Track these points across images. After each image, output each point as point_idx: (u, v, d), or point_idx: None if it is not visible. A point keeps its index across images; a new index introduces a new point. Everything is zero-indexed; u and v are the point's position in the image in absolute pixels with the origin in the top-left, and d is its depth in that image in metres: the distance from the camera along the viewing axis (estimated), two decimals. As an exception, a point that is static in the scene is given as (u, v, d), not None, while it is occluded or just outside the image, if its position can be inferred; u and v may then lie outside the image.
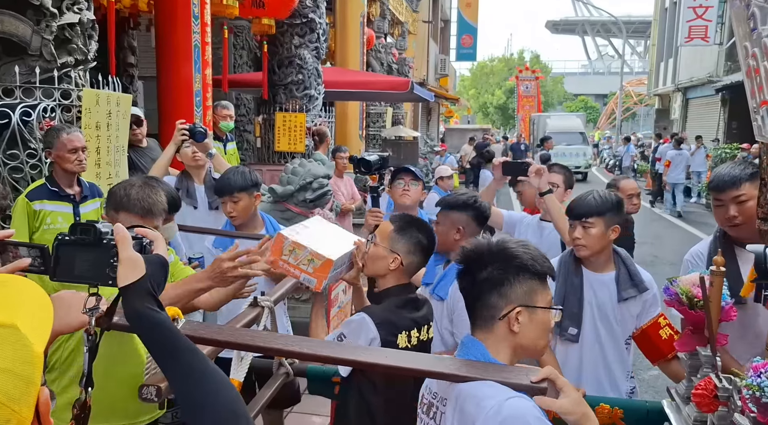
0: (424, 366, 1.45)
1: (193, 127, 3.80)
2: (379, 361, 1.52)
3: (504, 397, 1.29)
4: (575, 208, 2.47)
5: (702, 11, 20.20)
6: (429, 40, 22.68)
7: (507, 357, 1.43)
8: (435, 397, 1.48)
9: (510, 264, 1.42)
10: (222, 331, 1.62)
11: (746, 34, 1.72)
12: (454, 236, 2.57)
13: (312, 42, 7.42)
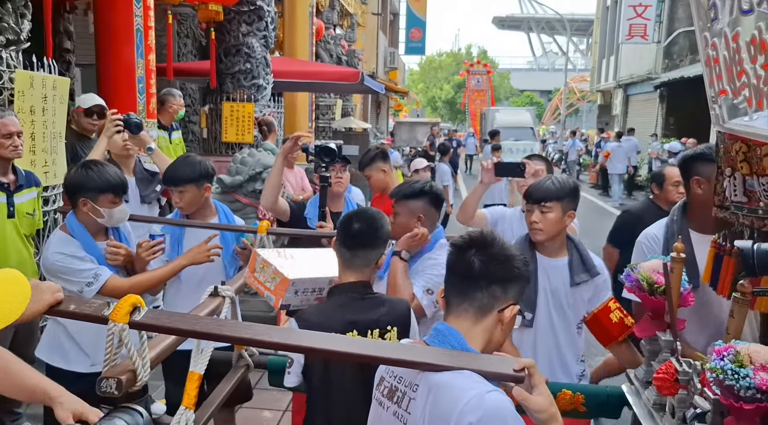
0: (400, 356, 1.39)
1: (128, 119, 3.56)
2: (353, 350, 1.45)
3: (484, 390, 1.27)
4: (534, 192, 2.47)
5: (641, 10, 20.87)
6: (378, 32, 22.61)
7: (481, 347, 1.41)
8: (401, 382, 1.44)
9: (514, 263, 1.45)
10: (185, 319, 1.50)
11: (706, 24, 1.73)
12: (415, 225, 2.54)
13: (260, 30, 7.24)
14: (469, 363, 1.32)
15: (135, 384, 1.43)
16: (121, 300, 1.44)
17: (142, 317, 1.45)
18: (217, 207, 3.04)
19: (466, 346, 1.39)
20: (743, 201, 1.80)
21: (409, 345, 1.49)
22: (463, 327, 1.41)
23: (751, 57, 1.51)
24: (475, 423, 1.23)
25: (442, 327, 1.43)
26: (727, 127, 1.84)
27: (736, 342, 1.46)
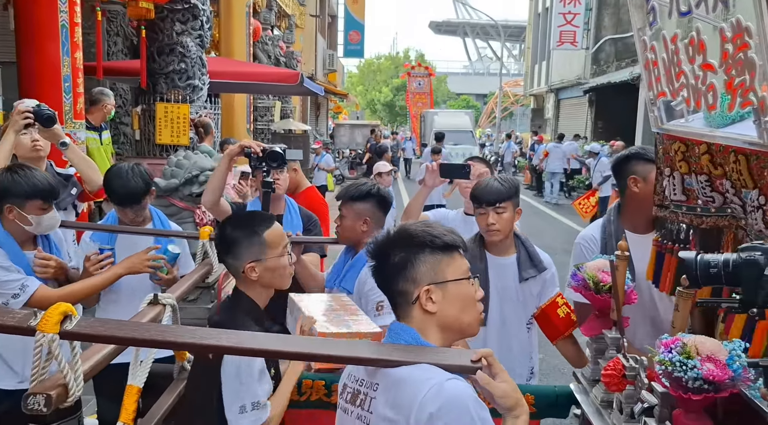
0: (357, 354, 1.36)
1: (39, 110, 3.17)
2: (313, 351, 1.39)
3: (443, 378, 1.25)
4: (485, 195, 2.50)
5: (571, 17, 21.67)
6: (317, 34, 22.46)
7: (438, 340, 1.38)
8: (362, 384, 1.40)
9: (410, 246, 1.38)
10: (122, 327, 1.40)
11: (645, 28, 1.77)
12: (362, 227, 2.51)
13: (195, 29, 7.02)
14: (426, 356, 1.30)
15: (66, 400, 1.32)
16: (51, 308, 1.33)
17: (74, 326, 1.34)
18: (152, 212, 2.90)
19: (421, 340, 1.36)
20: (682, 199, 1.86)
21: (365, 343, 1.46)
22: (413, 324, 1.39)
23: (690, 58, 1.56)
24: (435, 413, 1.22)
25: (396, 326, 1.41)
26: (666, 128, 1.89)
27: (682, 334, 1.50)
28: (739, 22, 1.29)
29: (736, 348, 1.37)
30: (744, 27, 1.27)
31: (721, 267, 1.23)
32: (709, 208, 1.76)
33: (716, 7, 1.36)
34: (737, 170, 1.50)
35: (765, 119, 1.28)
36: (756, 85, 1.28)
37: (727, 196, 1.63)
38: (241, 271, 1.84)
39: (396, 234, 1.42)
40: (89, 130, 5.15)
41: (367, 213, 2.53)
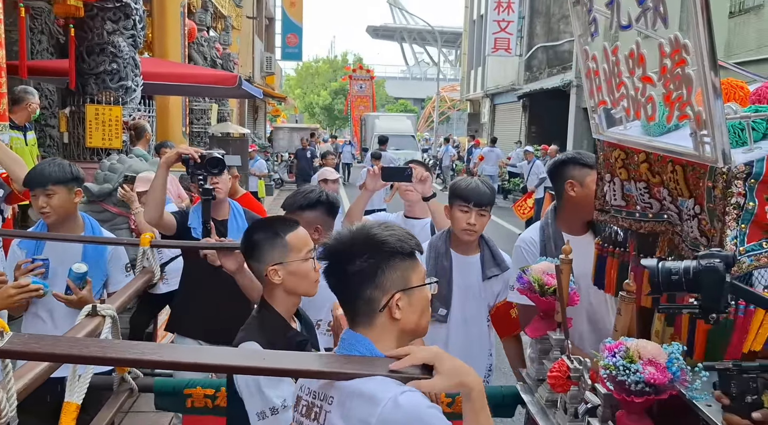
0: (307, 367, 1.33)
1: None
2: (256, 364, 1.35)
3: (397, 392, 1.24)
4: (474, 195, 2.57)
5: (505, 25, 22.25)
6: (254, 36, 22.11)
7: (393, 346, 1.36)
8: (316, 396, 1.37)
9: (379, 252, 1.35)
10: (59, 343, 1.32)
11: (587, 38, 1.83)
12: (313, 236, 2.47)
13: (127, 29, 6.77)
14: (378, 367, 1.28)
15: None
16: None
17: (5, 343, 1.26)
18: (85, 219, 2.77)
19: (375, 351, 1.34)
20: (622, 204, 1.93)
21: (315, 355, 1.43)
22: (364, 333, 1.37)
23: (630, 69, 1.62)
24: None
25: (348, 336, 1.38)
26: (606, 136, 1.96)
27: (625, 338, 1.56)
28: (678, 38, 1.35)
29: (674, 352, 1.43)
30: (682, 44, 1.33)
31: (681, 274, 1.26)
32: (647, 213, 1.83)
33: (656, 23, 1.42)
34: (674, 179, 1.57)
35: (701, 133, 1.34)
36: (692, 100, 1.35)
37: (664, 203, 1.70)
38: (264, 275, 1.84)
39: (363, 239, 1.37)
40: (13, 129, 4.89)
41: (318, 221, 2.50)
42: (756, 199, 1.35)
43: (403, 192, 3.27)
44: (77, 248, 2.65)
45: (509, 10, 22.17)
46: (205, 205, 2.82)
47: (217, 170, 2.84)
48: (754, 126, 1.38)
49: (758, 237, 1.37)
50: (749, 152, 1.35)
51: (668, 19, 1.38)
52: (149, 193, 2.85)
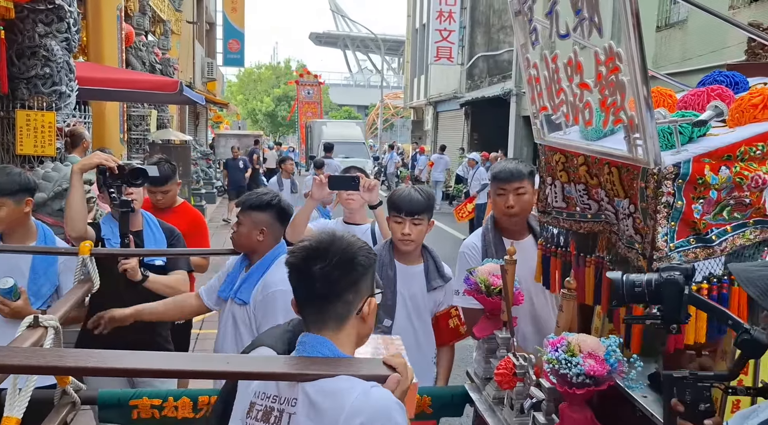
0: (271, 369, 1.33)
1: None
2: (219, 369, 1.35)
3: (367, 386, 1.29)
4: (405, 205, 2.58)
5: (447, 34, 22.66)
6: (194, 41, 21.67)
7: (352, 349, 1.42)
8: (276, 401, 1.37)
9: (357, 260, 1.40)
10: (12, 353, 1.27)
11: (528, 47, 1.91)
12: (258, 237, 2.46)
13: (61, 32, 6.52)
14: (344, 367, 1.32)
15: None
16: None
17: None
18: (38, 227, 2.67)
19: (338, 352, 1.37)
20: (563, 206, 2.02)
21: (278, 358, 1.43)
22: (329, 335, 1.39)
23: (568, 77, 1.70)
24: (365, 422, 1.25)
25: (308, 339, 1.40)
26: (547, 140, 2.05)
27: (566, 333, 1.63)
28: (612, 47, 1.43)
29: (612, 345, 1.51)
30: (615, 52, 1.41)
31: (644, 286, 1.30)
32: (586, 214, 1.92)
33: (591, 33, 1.50)
34: (610, 181, 1.66)
35: (634, 136, 1.43)
36: (626, 105, 1.43)
37: (602, 204, 1.79)
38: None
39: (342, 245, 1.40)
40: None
41: (265, 224, 2.49)
42: (684, 198, 1.44)
43: (345, 200, 3.29)
44: (26, 257, 2.55)
45: (450, 20, 22.59)
46: (123, 217, 2.73)
47: (139, 181, 2.78)
48: (681, 130, 1.48)
49: (686, 234, 1.46)
50: (677, 154, 1.44)
51: (603, 29, 1.46)
52: (69, 206, 2.69)
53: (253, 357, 1.47)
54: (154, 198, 3.88)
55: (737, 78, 1.84)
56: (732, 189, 1.44)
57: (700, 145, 1.47)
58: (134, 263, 2.65)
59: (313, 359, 1.35)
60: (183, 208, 4.03)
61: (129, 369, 1.28)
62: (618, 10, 1.33)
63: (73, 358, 1.28)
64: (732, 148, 1.43)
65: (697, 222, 1.45)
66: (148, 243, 2.92)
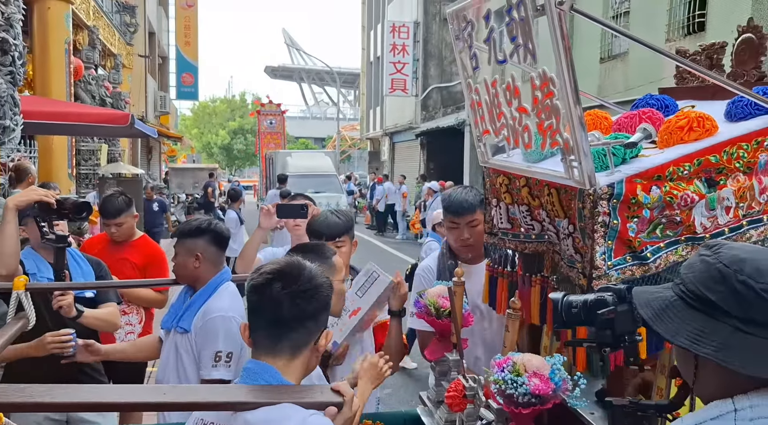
0: (213, 398, 1.32)
1: None
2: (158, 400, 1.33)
3: (307, 414, 1.27)
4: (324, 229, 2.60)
5: (401, 67, 23.11)
6: (147, 75, 21.46)
7: (300, 377, 1.40)
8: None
9: (322, 290, 1.42)
10: None
11: (470, 72, 1.96)
12: (194, 264, 2.41)
13: (5, 65, 6.36)
14: (289, 395, 1.30)
15: None
16: None
17: None
18: None
19: (283, 380, 1.35)
20: (508, 227, 2.05)
21: (221, 387, 1.40)
22: (279, 364, 1.37)
23: (508, 101, 1.75)
24: None
25: (254, 366, 1.37)
26: (491, 163, 2.09)
27: (512, 353, 1.64)
28: (545, 72, 1.48)
29: (556, 363, 1.53)
30: (549, 77, 1.47)
31: (581, 307, 1.30)
32: (530, 235, 1.96)
33: (527, 58, 1.55)
34: (551, 202, 1.70)
35: (570, 158, 1.47)
36: (561, 128, 1.48)
37: (544, 225, 1.83)
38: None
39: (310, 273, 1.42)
40: None
41: (199, 249, 2.43)
42: (619, 217, 1.48)
43: (293, 227, 3.29)
44: None
45: (404, 53, 23.06)
46: (59, 252, 2.65)
47: (84, 215, 2.71)
48: (614, 151, 1.53)
49: (623, 252, 1.50)
50: (611, 175, 1.50)
51: (537, 55, 1.52)
52: (1, 241, 2.55)
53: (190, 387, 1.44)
54: (109, 230, 3.78)
55: (667, 101, 1.92)
56: (663, 208, 1.49)
57: (632, 165, 1.52)
58: (71, 299, 2.56)
59: (259, 386, 1.33)
60: (142, 241, 3.94)
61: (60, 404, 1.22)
62: (550, 37, 1.38)
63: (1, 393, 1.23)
64: (661, 169, 1.49)
65: (632, 240, 1.50)
66: (76, 277, 2.84)
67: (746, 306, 0.96)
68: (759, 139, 1.50)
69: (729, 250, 1.02)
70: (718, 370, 0.98)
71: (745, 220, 1.53)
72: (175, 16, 29.39)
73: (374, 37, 29.47)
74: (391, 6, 26.72)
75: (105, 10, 14.06)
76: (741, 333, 0.96)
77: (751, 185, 1.50)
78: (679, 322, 1.01)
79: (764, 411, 0.95)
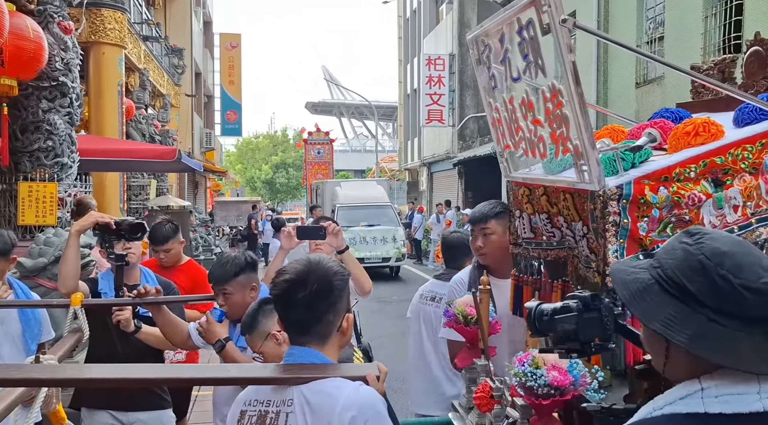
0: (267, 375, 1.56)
1: None
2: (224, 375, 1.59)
3: (357, 384, 1.48)
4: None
5: (437, 98, 23.43)
6: (193, 113, 22.35)
7: (336, 356, 1.60)
8: (270, 404, 1.53)
9: (334, 282, 1.58)
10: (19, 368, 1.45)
11: (489, 91, 2.09)
12: (251, 295, 2.58)
13: (64, 107, 6.82)
14: (332, 371, 1.52)
15: None
16: None
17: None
18: (13, 284, 2.82)
19: (327, 359, 1.56)
20: (531, 236, 2.15)
21: (278, 366, 1.59)
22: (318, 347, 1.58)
23: (524, 115, 1.87)
24: (357, 416, 1.43)
25: (297, 350, 1.57)
26: (513, 176, 2.20)
27: (532, 350, 1.72)
28: (554, 84, 1.61)
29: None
30: (557, 89, 1.59)
31: (550, 314, 1.33)
32: (552, 242, 2.05)
33: (537, 74, 1.68)
34: (566, 206, 1.80)
35: (579, 162, 1.58)
36: (571, 135, 1.59)
37: (563, 230, 1.92)
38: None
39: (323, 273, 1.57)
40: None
41: (253, 280, 2.64)
42: (629, 216, 1.57)
43: (314, 249, 3.47)
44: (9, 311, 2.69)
45: (440, 84, 23.41)
46: (118, 270, 2.87)
47: (139, 235, 2.93)
48: (624, 156, 1.63)
49: (635, 250, 1.58)
50: (620, 177, 1.59)
51: (546, 70, 1.64)
52: (63, 263, 2.82)
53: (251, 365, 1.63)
54: (158, 256, 4.03)
55: (681, 113, 2.01)
56: (672, 207, 1.58)
57: (641, 168, 1.62)
58: (128, 314, 2.76)
59: (306, 365, 1.54)
60: (188, 266, 4.17)
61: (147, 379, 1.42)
62: (555, 52, 1.51)
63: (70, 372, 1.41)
64: (668, 170, 1.58)
65: (643, 238, 1.58)
66: None
67: (722, 299, 1.00)
68: (764, 141, 1.58)
69: (711, 241, 1.04)
70: (688, 356, 1.02)
71: (754, 218, 1.60)
72: (220, 57, 30.66)
73: (411, 71, 29.99)
74: (427, 40, 27.24)
75: (155, 53, 14.84)
76: (713, 323, 1.00)
77: (758, 185, 1.57)
78: (654, 306, 1.04)
79: (727, 389, 1.00)
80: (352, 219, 13.21)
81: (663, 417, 1.03)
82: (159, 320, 2.68)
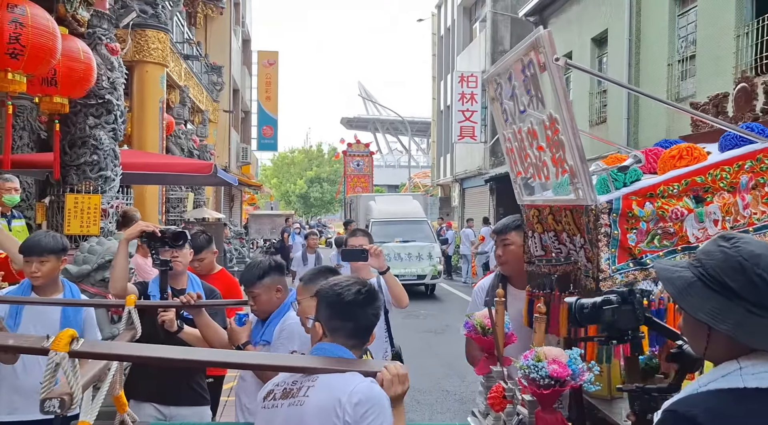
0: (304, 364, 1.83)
1: None
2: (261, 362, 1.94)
3: (369, 380, 1.72)
4: None
5: (469, 114, 23.57)
6: (230, 129, 22.97)
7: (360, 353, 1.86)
8: (296, 382, 1.79)
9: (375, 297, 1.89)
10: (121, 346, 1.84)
11: (502, 124, 2.29)
12: (276, 296, 2.82)
13: (109, 123, 7.19)
14: (354, 366, 1.77)
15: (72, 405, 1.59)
16: (60, 332, 1.63)
17: (80, 346, 1.64)
18: (64, 283, 3.11)
19: (353, 356, 1.80)
20: (542, 254, 2.31)
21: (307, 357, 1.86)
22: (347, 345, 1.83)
23: (530, 143, 2.06)
24: (364, 401, 1.66)
25: (328, 346, 1.81)
26: (525, 200, 2.38)
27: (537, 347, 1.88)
28: (551, 114, 1.79)
29: (573, 354, 1.76)
30: (554, 117, 1.77)
31: (590, 307, 1.53)
32: (560, 258, 2.21)
33: (538, 106, 1.87)
34: (568, 222, 1.96)
35: (575, 181, 1.75)
36: (567, 158, 1.76)
37: (567, 245, 2.08)
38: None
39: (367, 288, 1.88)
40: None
41: (278, 282, 2.87)
42: (619, 228, 1.74)
43: (356, 269, 3.71)
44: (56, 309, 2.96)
45: (472, 101, 23.57)
46: (162, 275, 3.12)
47: (180, 242, 3.17)
48: (615, 176, 1.80)
49: (625, 259, 1.74)
50: (610, 194, 1.76)
51: (545, 101, 1.83)
52: (113, 267, 3.16)
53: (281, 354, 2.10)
54: (193, 265, 4.30)
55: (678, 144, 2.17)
56: (657, 220, 1.74)
57: (630, 188, 1.79)
58: (171, 315, 2.99)
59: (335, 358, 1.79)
60: (220, 274, 4.43)
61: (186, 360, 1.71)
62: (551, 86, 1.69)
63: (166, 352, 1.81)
64: (653, 188, 1.74)
65: (632, 248, 1.74)
66: None
67: (759, 294, 1.17)
68: (740, 163, 1.73)
69: (746, 245, 1.21)
70: (727, 341, 1.19)
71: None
72: (258, 74, 31.44)
73: (444, 87, 30.24)
74: (460, 57, 27.48)
75: (195, 71, 15.40)
76: (752, 314, 1.17)
77: (735, 201, 1.73)
78: (699, 300, 1.20)
79: (763, 368, 1.17)
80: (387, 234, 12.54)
81: (708, 392, 1.18)
82: (198, 322, 2.95)
